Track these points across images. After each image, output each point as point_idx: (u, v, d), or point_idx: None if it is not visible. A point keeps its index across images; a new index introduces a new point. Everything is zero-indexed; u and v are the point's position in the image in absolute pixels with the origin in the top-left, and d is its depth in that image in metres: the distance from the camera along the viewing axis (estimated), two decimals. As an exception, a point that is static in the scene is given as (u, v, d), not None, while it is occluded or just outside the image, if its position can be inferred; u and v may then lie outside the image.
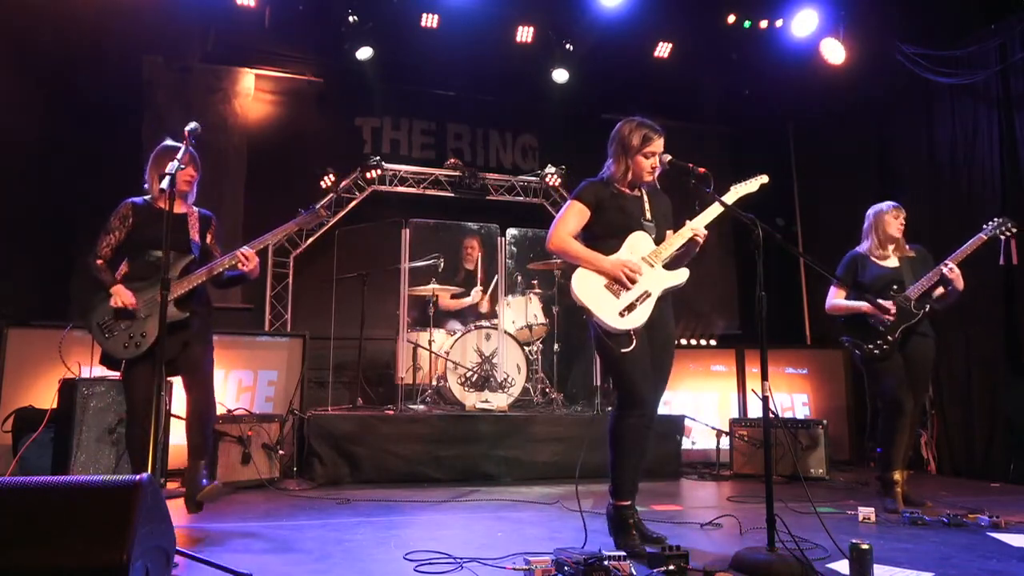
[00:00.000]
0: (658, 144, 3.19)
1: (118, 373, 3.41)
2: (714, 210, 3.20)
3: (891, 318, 4.07)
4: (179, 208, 3.55)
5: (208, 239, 3.61)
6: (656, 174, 3.22)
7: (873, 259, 4.30)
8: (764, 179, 3.39)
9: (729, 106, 7.86)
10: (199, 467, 3.42)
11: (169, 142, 3.54)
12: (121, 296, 3.33)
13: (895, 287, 4.18)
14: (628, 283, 3.03)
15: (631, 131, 3.19)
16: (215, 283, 3.53)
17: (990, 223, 4.21)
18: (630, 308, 3.03)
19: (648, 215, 3.24)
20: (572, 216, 3.20)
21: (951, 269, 4.07)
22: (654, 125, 3.21)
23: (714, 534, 3.38)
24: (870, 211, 4.38)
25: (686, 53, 7.08)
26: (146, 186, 3.59)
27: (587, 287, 3.07)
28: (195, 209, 3.62)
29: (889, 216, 4.29)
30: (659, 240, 3.21)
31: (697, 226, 3.19)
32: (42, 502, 1.83)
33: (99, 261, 3.42)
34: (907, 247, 4.33)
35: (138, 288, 3.38)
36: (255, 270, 3.47)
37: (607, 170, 3.28)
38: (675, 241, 3.19)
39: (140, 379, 3.33)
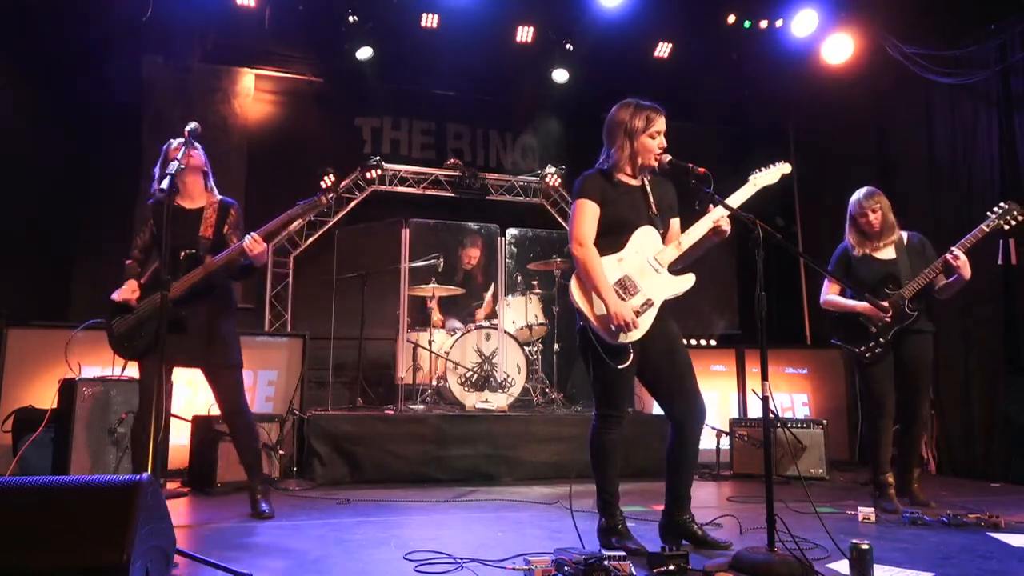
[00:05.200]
0: (661, 123, 3.07)
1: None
2: (716, 214, 3.02)
3: (888, 319, 4.00)
4: (196, 202, 3.60)
5: (225, 229, 3.60)
6: (660, 159, 3.06)
7: (864, 252, 4.16)
8: (786, 168, 3.20)
9: (729, 106, 7.85)
10: (256, 488, 3.67)
11: (172, 143, 3.57)
12: (119, 293, 3.49)
13: (890, 285, 4.06)
14: (623, 331, 2.90)
15: (632, 114, 3.07)
16: (229, 274, 3.58)
17: (994, 211, 3.97)
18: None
19: (654, 207, 3.11)
20: (587, 217, 3.02)
21: (956, 256, 3.89)
22: (653, 105, 3.10)
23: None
24: (851, 200, 4.24)
25: (686, 53, 7.08)
26: (153, 186, 3.57)
27: (587, 296, 2.97)
28: (216, 199, 3.64)
29: (864, 208, 4.13)
30: (665, 234, 3.12)
31: (718, 215, 3.01)
32: (42, 502, 1.83)
33: (128, 261, 3.58)
34: (903, 235, 4.18)
35: (151, 288, 3.51)
36: (261, 255, 3.44)
37: (608, 158, 3.12)
38: (686, 240, 3.06)
39: (146, 376, 3.41)
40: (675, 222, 3.22)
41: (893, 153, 6.56)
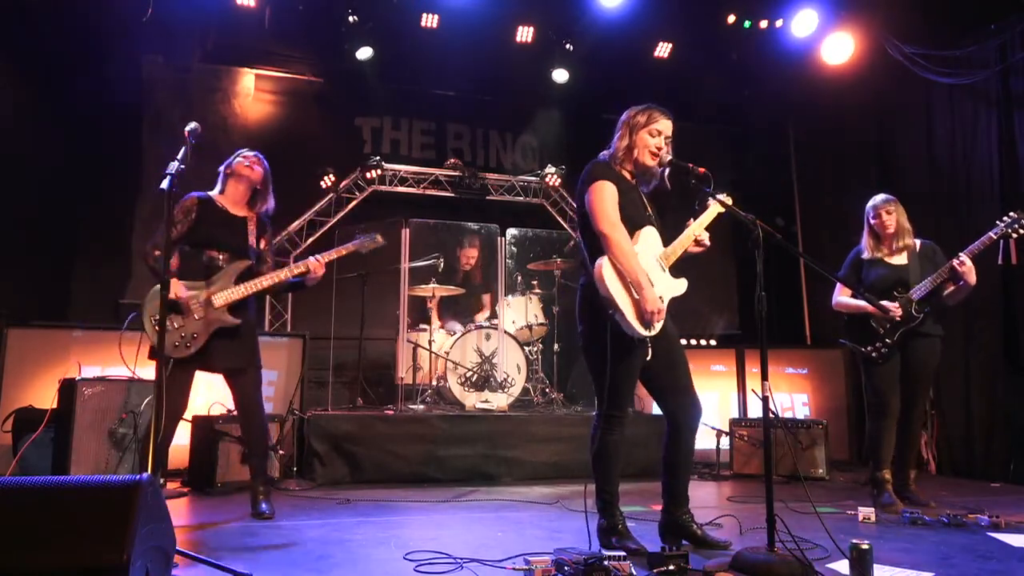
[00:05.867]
0: (664, 124, 3.11)
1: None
2: (712, 212, 3.16)
3: (898, 318, 4.05)
4: (239, 210, 3.73)
5: (262, 244, 3.76)
6: (658, 162, 3.09)
7: (876, 256, 4.24)
8: (728, 200, 3.26)
9: (729, 106, 7.85)
10: (258, 488, 3.67)
11: (247, 151, 3.86)
12: (175, 289, 3.37)
13: (899, 289, 4.13)
14: (652, 325, 2.92)
15: (639, 111, 3.14)
16: (273, 289, 3.73)
17: (1003, 220, 4.02)
18: None
19: (650, 209, 3.17)
20: (609, 197, 3.00)
21: (962, 263, 3.97)
22: (663, 108, 3.15)
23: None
24: (867, 205, 4.35)
25: (686, 53, 7.08)
26: (218, 186, 3.76)
27: (619, 283, 2.92)
28: (256, 213, 3.79)
29: (879, 210, 4.23)
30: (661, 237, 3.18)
31: (699, 231, 3.17)
32: (42, 502, 1.82)
33: (156, 252, 3.40)
34: (916, 242, 4.25)
35: (188, 288, 3.48)
36: (318, 279, 3.76)
37: (609, 149, 3.19)
38: (677, 248, 3.14)
39: (178, 380, 3.44)
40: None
41: (893, 153, 6.56)
